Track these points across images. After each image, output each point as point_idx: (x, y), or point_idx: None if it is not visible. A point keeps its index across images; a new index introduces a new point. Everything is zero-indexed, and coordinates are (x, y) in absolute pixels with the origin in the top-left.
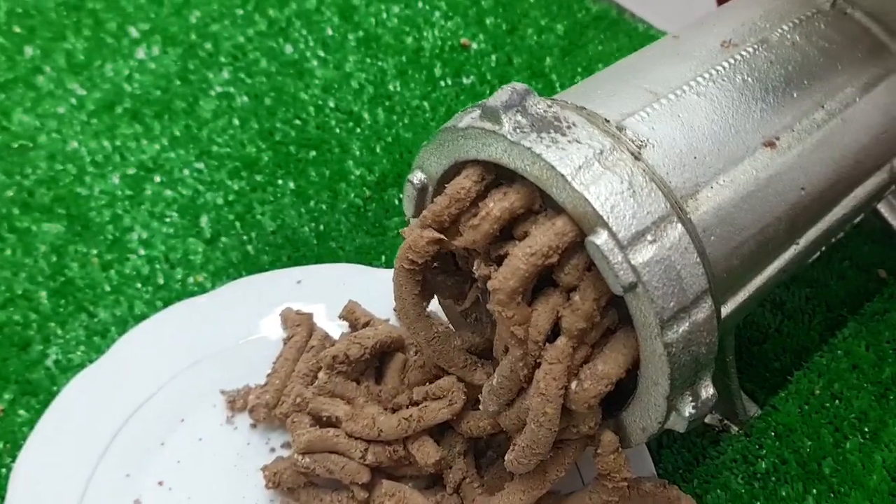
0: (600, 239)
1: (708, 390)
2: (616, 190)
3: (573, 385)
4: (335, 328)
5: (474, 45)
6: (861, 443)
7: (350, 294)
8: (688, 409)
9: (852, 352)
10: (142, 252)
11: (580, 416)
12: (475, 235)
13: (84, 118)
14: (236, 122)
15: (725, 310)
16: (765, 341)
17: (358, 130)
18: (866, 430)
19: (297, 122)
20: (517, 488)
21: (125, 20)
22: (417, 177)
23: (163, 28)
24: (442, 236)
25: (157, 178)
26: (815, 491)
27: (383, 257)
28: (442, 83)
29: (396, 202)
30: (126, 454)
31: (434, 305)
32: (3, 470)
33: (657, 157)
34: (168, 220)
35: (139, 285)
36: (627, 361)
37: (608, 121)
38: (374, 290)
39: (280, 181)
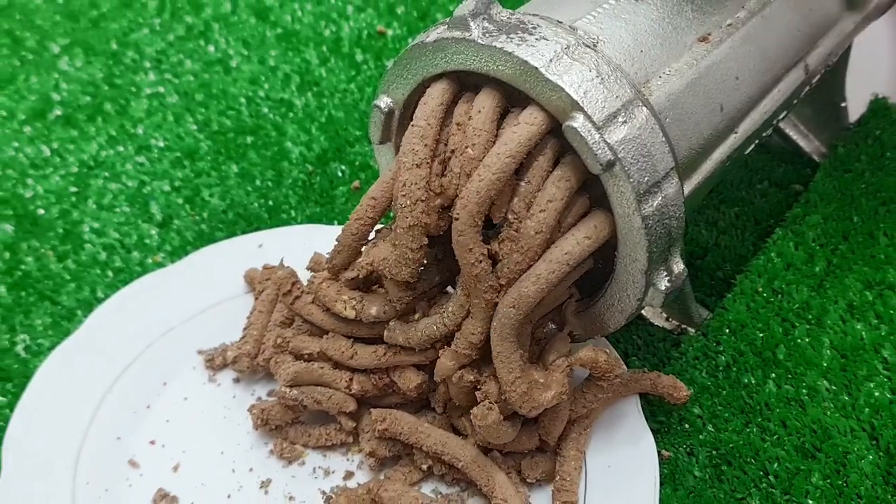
0: (577, 122)
1: (679, 265)
2: (587, 77)
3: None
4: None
5: (390, 32)
6: (808, 329)
7: (311, 252)
8: (664, 283)
9: (784, 253)
10: (96, 241)
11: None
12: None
13: (16, 126)
14: (171, 118)
15: (685, 191)
16: (706, 255)
17: (291, 115)
18: (810, 317)
19: (231, 112)
20: None
21: (43, 37)
22: (384, 101)
23: (83, 41)
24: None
25: (101, 174)
26: (773, 375)
27: (335, 222)
28: (365, 67)
29: (340, 174)
30: (114, 419)
31: None
32: None
33: (609, 51)
34: (117, 210)
35: (98, 270)
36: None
37: (562, 22)
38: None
39: (223, 166)
